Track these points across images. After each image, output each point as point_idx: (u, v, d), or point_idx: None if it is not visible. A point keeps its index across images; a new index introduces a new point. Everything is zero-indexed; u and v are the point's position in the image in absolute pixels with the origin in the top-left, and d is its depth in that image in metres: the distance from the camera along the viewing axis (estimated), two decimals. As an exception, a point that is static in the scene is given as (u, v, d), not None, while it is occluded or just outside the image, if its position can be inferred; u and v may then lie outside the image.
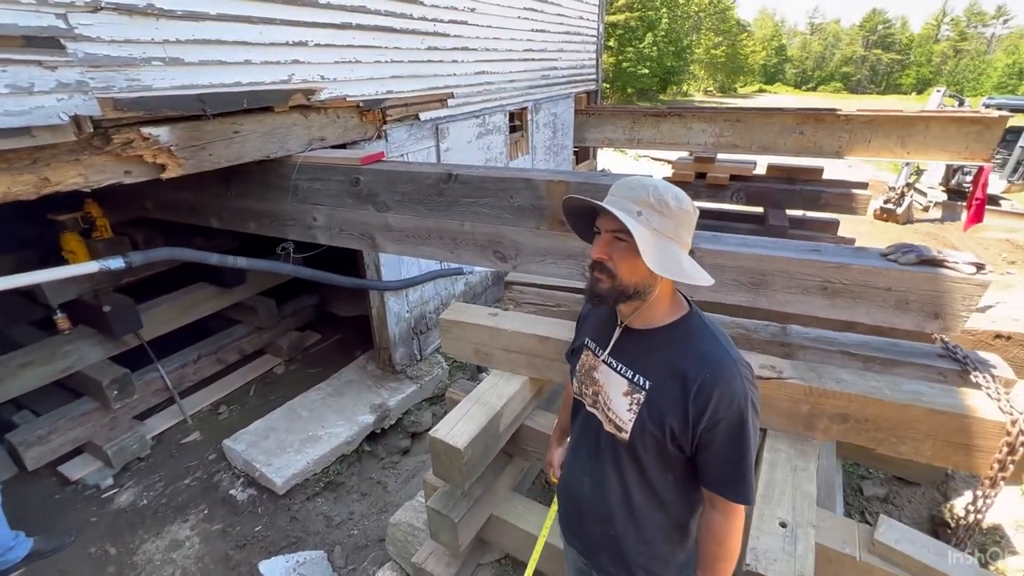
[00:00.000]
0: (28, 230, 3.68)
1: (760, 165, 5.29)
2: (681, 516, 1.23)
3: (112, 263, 2.35)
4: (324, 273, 3.25)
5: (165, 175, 2.14)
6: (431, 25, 3.64)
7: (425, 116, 3.77)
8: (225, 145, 2.34)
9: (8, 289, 2.06)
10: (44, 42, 1.70)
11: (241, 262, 2.81)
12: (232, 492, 3.20)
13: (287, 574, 2.62)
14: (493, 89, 4.61)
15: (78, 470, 3.30)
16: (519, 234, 2.19)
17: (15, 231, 3.72)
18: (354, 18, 2.94)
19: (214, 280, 4.10)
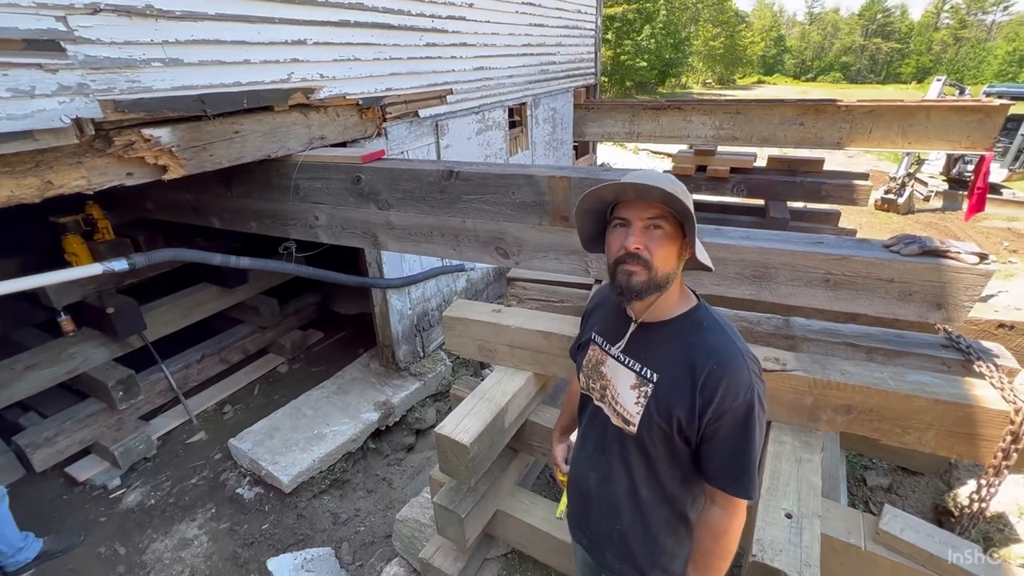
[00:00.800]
0: (30, 233, 3.69)
1: (760, 157, 5.27)
2: (686, 509, 1.23)
3: (115, 265, 2.36)
4: (327, 272, 3.25)
5: (167, 176, 2.14)
6: (429, 21, 3.63)
7: (425, 113, 3.77)
8: (226, 145, 2.34)
9: (12, 292, 2.07)
10: (44, 45, 1.70)
11: (244, 262, 2.82)
12: (239, 491, 3.22)
13: (295, 571, 2.64)
14: (492, 85, 4.60)
15: (86, 471, 3.32)
16: (521, 230, 2.19)
17: (17, 234, 3.73)
18: (352, 16, 2.93)
19: (217, 280, 4.11)
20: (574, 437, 1.51)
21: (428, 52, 3.68)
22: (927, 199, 9.77)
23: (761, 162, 5.27)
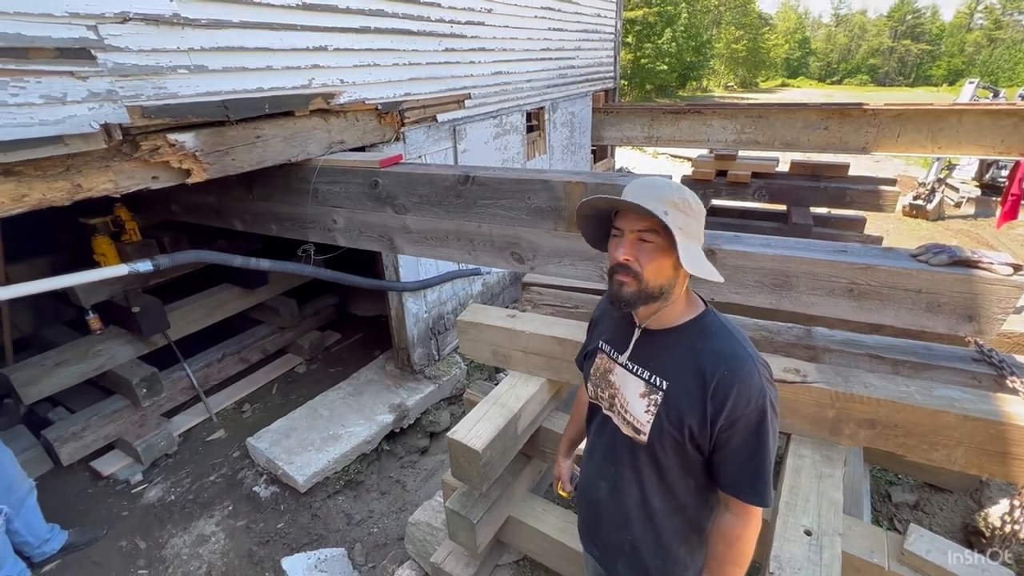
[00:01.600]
0: (60, 234, 3.82)
1: (783, 162, 5.17)
2: (700, 520, 1.21)
3: (141, 266, 2.42)
4: (344, 274, 3.29)
5: (190, 180, 2.19)
6: (448, 27, 3.66)
7: (443, 117, 3.79)
8: (248, 150, 2.39)
9: (44, 291, 2.14)
10: (76, 53, 1.75)
11: (264, 264, 2.87)
12: (255, 489, 3.26)
13: (309, 571, 2.66)
14: (510, 89, 4.61)
15: (109, 466, 3.41)
16: (537, 235, 2.19)
17: (49, 235, 3.86)
18: (372, 22, 2.97)
19: (238, 281, 4.19)
20: (582, 448, 1.49)
21: (447, 57, 3.71)
22: (958, 205, 9.48)
23: (783, 167, 5.16)
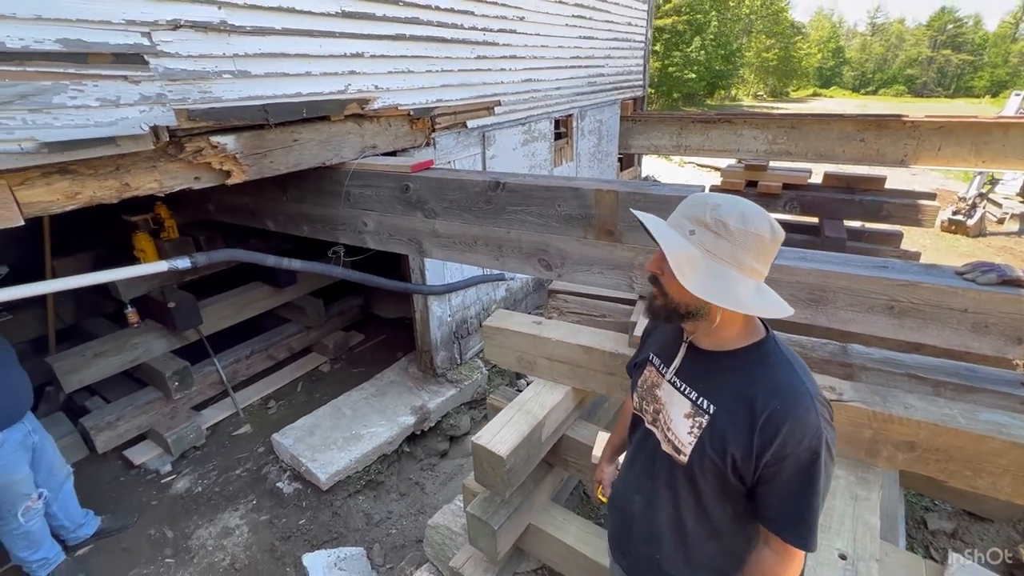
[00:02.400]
0: (102, 230, 3.98)
1: (816, 174, 5.05)
2: (736, 547, 1.17)
3: (180, 263, 2.50)
4: (373, 277, 3.34)
5: (230, 181, 2.26)
6: (481, 34, 3.70)
7: (472, 124, 3.83)
8: (285, 152, 2.45)
9: (89, 285, 2.23)
10: (130, 58, 1.83)
11: (295, 264, 2.93)
12: (279, 485, 3.32)
13: (329, 568, 2.69)
14: (539, 96, 4.63)
15: (141, 455, 3.52)
16: (565, 243, 2.18)
17: (91, 231, 4.03)
18: (408, 29, 3.03)
19: (267, 280, 4.29)
20: (622, 458, 1.47)
21: (478, 64, 3.75)
22: (1001, 221, 9.10)
23: (816, 179, 5.04)
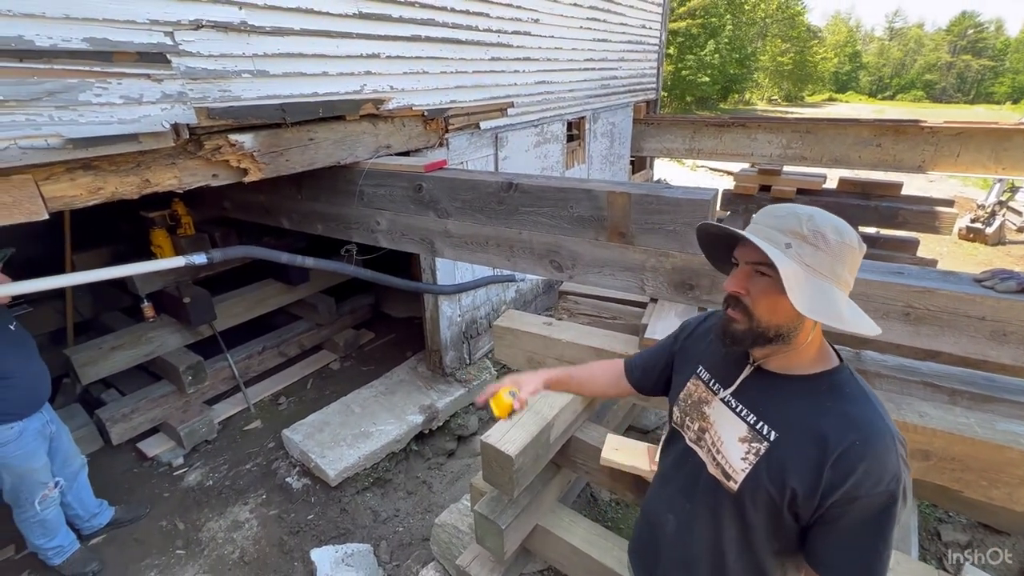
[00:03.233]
0: (120, 225, 4.05)
1: (831, 179, 5.01)
2: None
3: (196, 259, 2.54)
4: (384, 276, 3.36)
5: (247, 179, 2.29)
6: (496, 36, 3.72)
7: (485, 125, 3.84)
8: (301, 151, 2.49)
9: (107, 279, 2.28)
10: (153, 57, 1.87)
11: (309, 262, 2.96)
12: (288, 480, 3.35)
13: (336, 564, 2.71)
14: (552, 99, 4.64)
15: (154, 448, 3.58)
16: (577, 244, 2.19)
17: (110, 226, 4.10)
18: (424, 31, 3.05)
19: (280, 277, 4.34)
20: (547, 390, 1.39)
21: (492, 66, 3.77)
22: (1021, 230, 8.94)
23: (831, 184, 5.00)
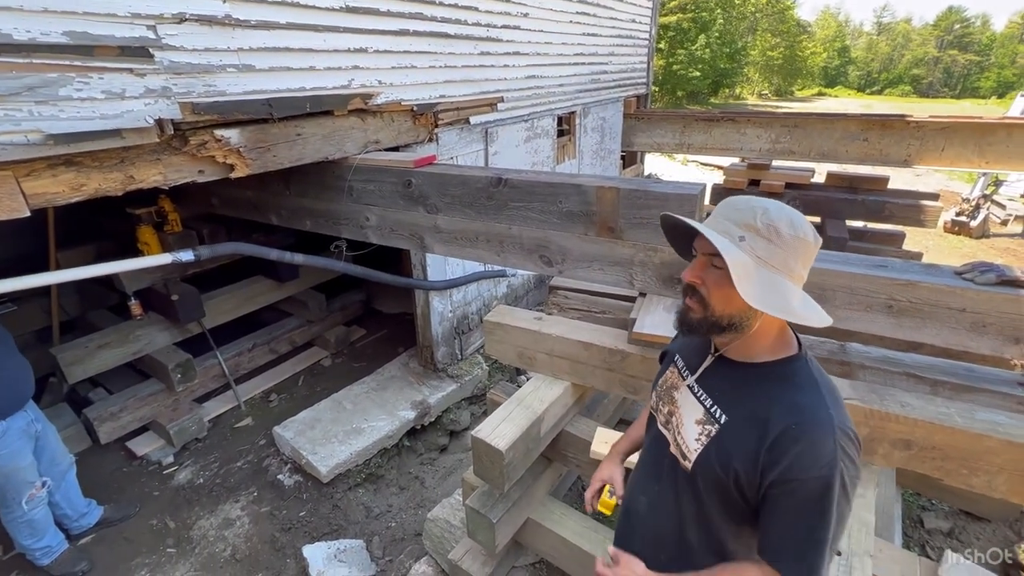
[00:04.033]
0: (105, 222, 3.99)
1: (819, 173, 5.05)
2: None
3: (184, 255, 2.52)
4: (374, 271, 3.35)
5: (233, 174, 2.27)
6: (484, 30, 3.70)
7: (475, 120, 3.83)
8: (288, 147, 2.46)
9: (92, 277, 2.25)
10: (136, 51, 1.84)
11: (298, 258, 2.94)
12: (280, 477, 3.35)
13: (328, 560, 2.72)
14: (542, 93, 4.63)
15: (143, 446, 3.55)
16: (566, 239, 2.19)
17: (94, 223, 4.05)
18: (411, 24, 3.03)
19: (270, 274, 4.31)
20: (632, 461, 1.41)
21: (481, 60, 3.75)
22: (1004, 223, 9.10)
23: (819, 178, 5.04)
